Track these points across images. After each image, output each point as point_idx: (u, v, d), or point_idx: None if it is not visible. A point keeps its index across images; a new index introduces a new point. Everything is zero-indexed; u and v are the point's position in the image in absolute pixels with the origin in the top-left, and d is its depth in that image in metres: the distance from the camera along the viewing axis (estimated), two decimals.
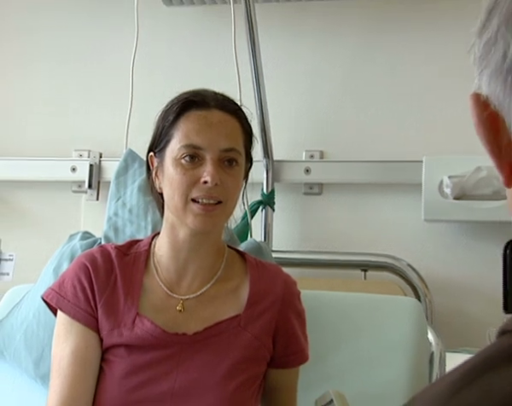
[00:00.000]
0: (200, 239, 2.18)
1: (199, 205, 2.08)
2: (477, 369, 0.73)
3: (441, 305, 2.87)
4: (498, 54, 0.80)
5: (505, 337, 0.76)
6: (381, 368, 2.41)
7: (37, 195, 3.29)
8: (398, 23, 3.05)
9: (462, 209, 2.87)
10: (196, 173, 2.09)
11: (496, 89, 0.81)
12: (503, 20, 0.79)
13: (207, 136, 2.12)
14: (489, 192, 2.81)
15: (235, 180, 2.14)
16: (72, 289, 2.18)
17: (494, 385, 0.71)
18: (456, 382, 0.73)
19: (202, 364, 2.12)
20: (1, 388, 2.55)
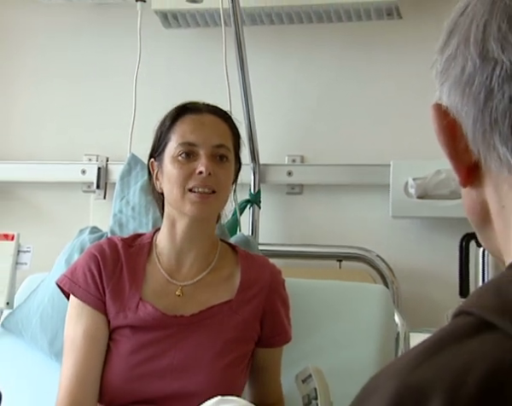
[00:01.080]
0: (197, 229, 2.19)
1: (195, 193, 2.12)
2: (434, 347, 0.73)
3: (406, 291, 2.88)
4: (458, 68, 0.81)
5: (459, 318, 0.76)
6: (353, 346, 2.42)
7: (52, 195, 3.29)
8: (367, 46, 3.05)
9: (424, 207, 2.88)
10: (192, 166, 2.13)
11: (455, 100, 0.82)
12: (462, 39, 0.81)
13: (201, 134, 2.16)
14: (447, 192, 2.83)
15: (226, 173, 2.18)
16: (83, 276, 2.19)
17: (447, 361, 0.71)
18: (416, 358, 0.73)
19: (197, 343, 2.13)
20: (20, 364, 2.55)
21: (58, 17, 3.30)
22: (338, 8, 2.91)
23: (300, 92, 3.10)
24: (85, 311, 2.18)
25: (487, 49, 0.78)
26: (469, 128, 0.81)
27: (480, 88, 0.79)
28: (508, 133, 0.78)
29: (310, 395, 2.13)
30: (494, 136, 0.79)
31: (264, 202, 3.01)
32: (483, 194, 0.84)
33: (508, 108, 0.77)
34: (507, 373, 0.69)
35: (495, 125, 0.78)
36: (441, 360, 0.72)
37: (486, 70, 0.78)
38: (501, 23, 0.77)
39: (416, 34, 2.99)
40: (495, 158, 0.80)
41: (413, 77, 2.98)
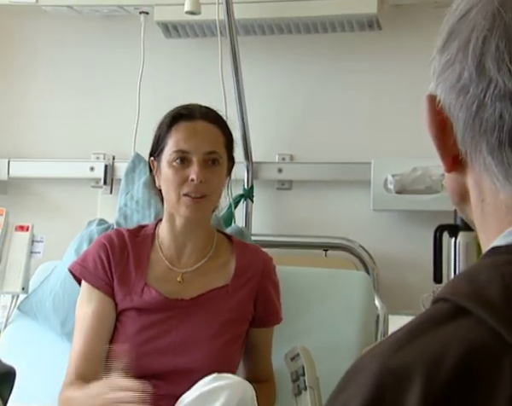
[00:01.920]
0: (193, 226, 2.22)
1: (189, 198, 2.12)
2: (414, 332, 0.73)
3: (385, 277, 2.89)
4: (454, 74, 0.80)
5: (437, 304, 0.76)
6: (337, 327, 2.43)
7: (63, 190, 3.28)
8: (350, 55, 3.06)
9: (402, 201, 2.88)
10: (186, 173, 2.14)
11: (449, 100, 0.81)
12: (462, 47, 0.79)
13: (193, 143, 2.17)
14: (423, 187, 2.84)
15: (217, 177, 2.20)
16: (93, 263, 2.21)
17: (426, 345, 0.71)
18: (397, 342, 0.73)
19: (197, 324, 2.16)
20: (34, 343, 2.56)
21: (68, 28, 3.29)
22: (324, 21, 2.91)
23: (290, 97, 3.10)
24: (95, 295, 2.20)
25: (484, 64, 0.77)
26: (459, 130, 0.81)
27: (473, 99, 0.78)
28: (495, 145, 0.77)
29: (298, 372, 2.13)
30: (482, 144, 0.78)
31: (256, 197, 3.02)
32: (464, 181, 0.84)
33: (497, 123, 0.76)
34: (480, 355, 0.68)
35: (484, 135, 0.78)
36: (420, 344, 0.71)
37: (481, 85, 0.77)
38: (499, 43, 0.76)
39: (393, 44, 2.99)
40: (480, 162, 0.80)
41: (391, 83, 3.00)
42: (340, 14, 2.85)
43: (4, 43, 3.37)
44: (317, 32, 2.97)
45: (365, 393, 0.70)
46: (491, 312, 0.70)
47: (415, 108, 2.93)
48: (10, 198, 3.23)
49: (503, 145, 0.77)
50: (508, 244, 0.77)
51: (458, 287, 0.75)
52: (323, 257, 2.95)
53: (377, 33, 2.95)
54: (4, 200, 3.12)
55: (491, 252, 0.79)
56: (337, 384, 0.76)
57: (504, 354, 0.68)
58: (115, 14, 3.15)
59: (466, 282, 0.75)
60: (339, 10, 2.84)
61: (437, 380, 0.68)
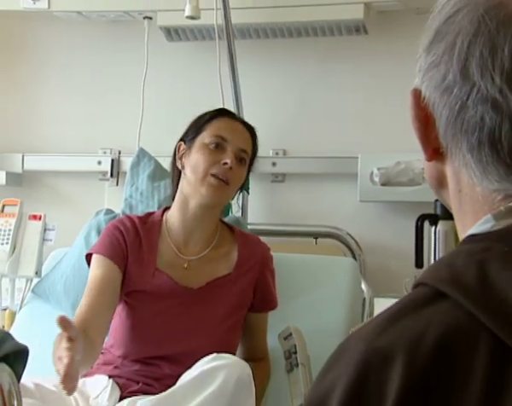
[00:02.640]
0: (206, 212, 2.21)
1: (216, 178, 2.11)
2: (396, 315, 0.74)
3: (371, 263, 2.89)
4: (439, 75, 0.80)
5: (417, 289, 0.77)
6: (326, 309, 2.43)
7: (73, 182, 3.28)
8: (338, 57, 3.06)
9: (386, 192, 2.88)
10: (218, 157, 2.17)
11: (433, 98, 0.81)
12: (447, 49, 0.79)
13: (233, 135, 2.21)
14: (406, 180, 2.84)
15: (241, 173, 2.22)
16: (109, 241, 2.19)
17: (407, 327, 0.71)
18: (381, 324, 0.74)
19: (203, 311, 2.17)
20: (47, 323, 2.51)
21: (77, 32, 3.29)
22: (314, 25, 2.90)
23: (283, 96, 3.10)
24: (105, 262, 2.16)
25: (468, 68, 0.76)
26: (442, 126, 0.81)
27: (456, 99, 0.78)
28: (475, 144, 0.77)
29: (290, 350, 2.14)
30: (463, 142, 0.78)
31: (252, 189, 3.00)
32: (443, 169, 0.84)
33: (478, 124, 0.76)
34: (457, 335, 0.69)
35: (465, 134, 0.78)
36: (402, 326, 0.72)
37: (465, 87, 0.77)
38: (483, 50, 0.75)
39: (379, 48, 2.99)
40: (460, 158, 0.80)
41: (377, 84, 3.00)
42: (330, 19, 2.85)
43: (18, 47, 3.37)
44: (309, 36, 2.97)
45: (351, 372, 0.70)
46: (468, 296, 0.70)
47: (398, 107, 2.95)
48: (24, 189, 3.23)
49: (482, 145, 0.77)
50: (483, 232, 0.78)
51: (437, 272, 0.75)
52: (314, 244, 2.96)
53: (364, 37, 2.95)
54: (19, 192, 3.11)
55: (467, 239, 0.79)
56: (325, 363, 0.76)
57: (479, 334, 0.68)
58: (121, 19, 3.15)
59: (444, 268, 0.75)
60: (328, 16, 2.84)
61: (417, 359, 0.68)
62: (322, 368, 0.76)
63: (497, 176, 0.77)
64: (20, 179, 3.27)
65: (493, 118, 0.75)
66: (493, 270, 0.70)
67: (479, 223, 0.79)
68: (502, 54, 0.74)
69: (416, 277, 0.79)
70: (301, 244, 2.96)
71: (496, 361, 0.67)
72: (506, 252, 0.72)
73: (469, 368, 0.67)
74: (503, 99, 0.74)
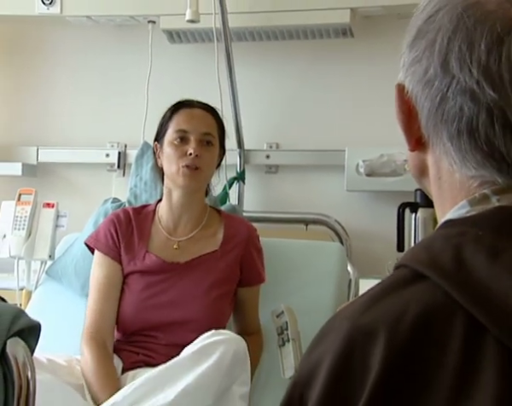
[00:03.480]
0: (188, 198, 2.25)
1: (187, 168, 2.15)
2: (378, 295, 0.74)
3: (357, 247, 2.89)
4: (421, 69, 0.79)
5: (398, 271, 0.77)
6: (315, 289, 2.42)
7: (83, 173, 3.28)
8: (327, 58, 3.05)
9: (371, 183, 2.88)
10: (184, 149, 2.19)
11: (415, 91, 0.81)
12: (428, 45, 0.78)
13: (192, 124, 2.20)
14: (388, 171, 2.85)
15: (210, 155, 2.23)
16: (104, 236, 2.25)
17: (389, 306, 0.71)
18: (365, 303, 0.74)
19: (190, 283, 2.20)
20: (59, 302, 2.56)
21: (87, 35, 3.28)
22: (304, 29, 2.90)
23: (276, 93, 3.09)
24: (106, 261, 2.23)
25: (448, 62, 0.76)
26: (424, 117, 0.80)
27: (437, 92, 0.77)
28: (454, 134, 0.77)
29: (282, 326, 2.13)
30: (443, 131, 0.78)
31: (247, 179, 3.02)
32: (425, 158, 0.84)
33: (457, 115, 0.76)
34: (435, 313, 0.69)
35: (445, 124, 0.77)
36: (384, 305, 0.72)
37: (445, 80, 0.76)
38: (462, 45, 0.75)
39: (364, 49, 2.98)
40: (440, 146, 0.80)
41: (362, 83, 2.99)
42: (319, 23, 2.85)
43: (33, 50, 3.35)
44: (299, 39, 2.97)
45: (338, 347, 0.71)
46: (444, 277, 0.69)
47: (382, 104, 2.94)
48: (39, 180, 3.22)
49: (461, 134, 0.76)
50: (459, 217, 0.77)
51: (416, 255, 0.75)
52: (304, 230, 2.96)
53: (350, 40, 2.95)
54: (33, 182, 3.10)
55: (444, 224, 0.79)
56: (313, 339, 0.76)
57: (455, 312, 0.68)
58: (126, 23, 3.14)
59: (423, 251, 0.74)
60: (317, 20, 2.84)
61: (398, 335, 0.68)
62: (310, 344, 0.76)
63: (475, 163, 0.77)
64: (35, 170, 3.26)
65: (471, 109, 0.75)
66: (468, 253, 0.70)
67: (455, 209, 0.78)
68: (479, 48, 0.73)
69: (398, 260, 0.79)
70: (293, 230, 2.95)
71: (469, 336, 0.67)
72: (480, 236, 0.71)
73: (445, 342, 0.67)
74: (480, 90, 0.74)
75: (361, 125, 2.98)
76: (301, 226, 2.96)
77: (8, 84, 3.36)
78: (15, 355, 1.21)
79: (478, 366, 0.65)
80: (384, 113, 2.77)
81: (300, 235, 2.86)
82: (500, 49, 0.73)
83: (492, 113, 0.74)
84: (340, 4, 2.79)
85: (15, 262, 2.68)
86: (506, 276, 0.67)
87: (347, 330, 0.71)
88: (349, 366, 0.69)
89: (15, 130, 3.33)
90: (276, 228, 2.96)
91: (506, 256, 0.68)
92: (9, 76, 3.36)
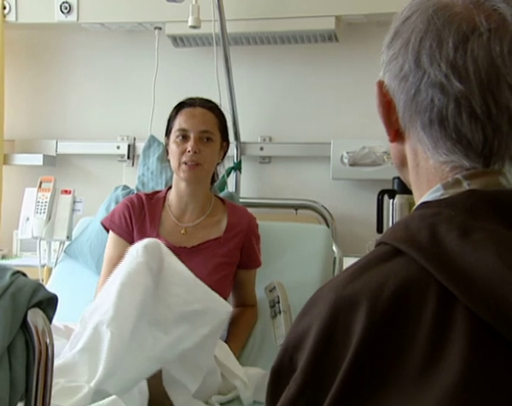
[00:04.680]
0: (193, 189, 2.23)
1: (186, 165, 2.12)
2: (361, 269, 0.74)
3: (341, 229, 2.89)
4: (397, 66, 0.79)
5: (378, 247, 0.77)
6: (304, 267, 2.42)
7: (96, 163, 3.26)
8: (314, 60, 3.03)
9: (354, 172, 2.87)
10: (185, 146, 2.16)
11: (393, 86, 0.81)
12: (404, 44, 0.78)
13: (192, 123, 2.18)
14: (369, 162, 2.84)
15: (210, 150, 2.20)
16: (118, 218, 2.23)
17: (370, 278, 0.71)
18: (348, 276, 0.75)
19: (196, 265, 2.18)
20: (76, 277, 2.56)
21: (100, 40, 3.26)
22: (294, 34, 2.89)
23: (269, 92, 3.08)
24: (119, 242, 2.22)
25: (420, 59, 0.76)
26: (400, 109, 0.80)
27: (411, 86, 0.77)
28: (426, 122, 0.77)
29: (274, 300, 2.14)
30: (417, 121, 0.78)
31: (243, 169, 3.01)
32: (403, 149, 0.84)
33: (428, 105, 0.76)
34: (412, 285, 0.69)
35: (418, 114, 0.78)
36: (366, 278, 0.72)
37: (418, 75, 0.76)
38: (432, 43, 0.75)
39: (347, 53, 2.97)
40: (415, 135, 0.80)
41: (346, 83, 2.98)
42: (307, 29, 2.84)
43: (53, 53, 3.33)
44: (290, 43, 2.96)
45: (324, 316, 0.71)
46: (420, 253, 0.69)
47: (364, 102, 2.93)
48: (57, 169, 3.20)
49: (433, 123, 0.76)
50: (434, 199, 0.77)
51: (395, 233, 0.75)
52: (294, 214, 2.95)
53: (335, 44, 2.93)
54: (53, 171, 3.10)
55: (421, 205, 0.79)
56: (302, 309, 0.76)
57: (430, 284, 0.68)
58: (136, 29, 3.13)
59: (401, 230, 0.74)
60: (306, 26, 2.82)
61: (379, 304, 0.68)
62: (300, 312, 0.76)
63: (446, 149, 0.77)
64: (54, 161, 3.25)
65: (441, 100, 0.75)
66: (442, 231, 0.69)
67: (430, 192, 0.79)
68: (447, 46, 0.74)
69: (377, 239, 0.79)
70: (284, 214, 2.95)
71: (442, 306, 0.67)
72: (453, 216, 0.71)
73: (420, 311, 0.67)
74: (448, 83, 0.74)
75: (345, 121, 2.97)
76: (291, 211, 2.95)
77: (30, 84, 3.34)
78: (35, 323, 1.21)
79: (449, 331, 0.65)
80: (365, 110, 2.78)
81: (291, 219, 2.86)
82: (466, 46, 0.73)
83: (460, 103, 0.74)
84: (326, 12, 2.79)
85: (37, 242, 2.69)
86: (475, 252, 0.67)
87: (333, 300, 0.70)
88: (334, 331, 0.69)
89: (37, 125, 3.32)
90: (269, 212, 2.95)
91: (475, 234, 0.68)
92: (32, 77, 3.34)
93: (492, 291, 0.64)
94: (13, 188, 3.13)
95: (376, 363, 0.65)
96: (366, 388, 0.65)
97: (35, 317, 1.22)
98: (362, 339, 0.66)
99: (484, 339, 0.64)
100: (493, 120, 0.73)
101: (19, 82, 3.32)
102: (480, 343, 0.64)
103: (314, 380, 0.68)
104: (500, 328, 0.64)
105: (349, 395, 0.65)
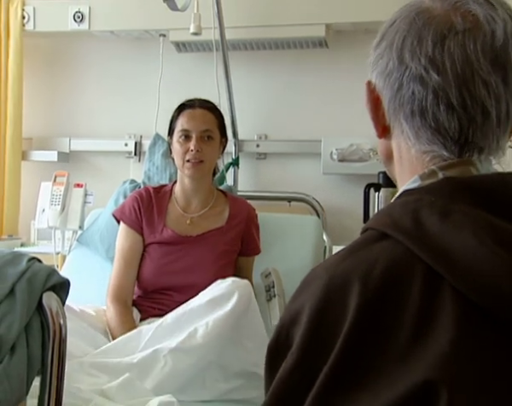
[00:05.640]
0: (196, 183, 2.22)
1: (189, 163, 2.11)
2: (352, 250, 0.74)
3: (331, 220, 2.88)
4: (383, 64, 0.80)
5: (365, 233, 0.77)
6: (296, 255, 2.42)
7: (106, 159, 3.25)
8: (306, 64, 3.02)
9: (342, 167, 2.86)
10: (187, 145, 2.15)
11: (379, 83, 0.81)
12: (388, 44, 0.79)
13: (193, 124, 2.17)
14: (357, 158, 2.84)
15: (211, 148, 2.19)
16: (128, 210, 2.22)
17: (361, 259, 0.71)
18: (340, 257, 0.75)
19: (200, 253, 2.18)
20: (88, 263, 2.55)
21: (109, 47, 3.24)
22: (288, 40, 2.89)
23: (265, 93, 3.07)
24: (130, 233, 2.20)
25: (403, 56, 0.77)
26: (386, 104, 0.81)
27: (395, 81, 0.78)
28: (408, 114, 0.77)
29: (269, 285, 2.15)
30: (400, 113, 0.79)
31: (241, 164, 3.01)
32: (390, 144, 0.84)
33: (410, 98, 0.76)
34: (399, 264, 0.69)
35: (402, 107, 0.78)
36: (356, 258, 0.72)
37: (401, 70, 0.77)
38: (413, 40, 0.76)
39: (336, 57, 2.96)
40: (399, 127, 0.80)
41: (335, 85, 2.97)
42: (299, 36, 2.83)
43: (66, 59, 3.32)
44: (284, 49, 2.96)
45: (318, 294, 0.70)
46: (405, 235, 0.70)
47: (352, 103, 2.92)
48: (71, 164, 3.20)
49: (414, 114, 0.77)
50: (415, 187, 0.77)
51: (380, 219, 0.75)
52: (288, 206, 2.95)
53: (325, 50, 2.93)
54: (67, 166, 3.10)
55: (402, 194, 0.79)
56: (296, 289, 0.76)
57: (415, 264, 0.68)
58: (142, 36, 3.12)
59: (385, 216, 0.75)
60: (298, 33, 2.82)
61: (369, 283, 0.68)
62: (294, 292, 0.76)
63: (426, 138, 0.77)
64: (68, 157, 3.24)
65: (421, 92, 0.75)
66: (424, 215, 0.70)
67: (409, 182, 0.79)
68: (426, 43, 0.75)
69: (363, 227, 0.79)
70: (278, 206, 2.95)
71: (427, 284, 0.67)
72: (433, 202, 0.72)
73: (408, 290, 0.67)
74: (427, 75, 0.75)
75: (334, 120, 2.96)
76: (285, 203, 2.95)
77: (46, 87, 3.33)
78: (50, 305, 1.21)
79: (436, 307, 0.65)
80: (353, 110, 2.77)
81: (284, 210, 2.85)
82: (443, 43, 0.74)
83: (438, 94, 0.74)
84: (317, 21, 2.78)
85: (52, 231, 2.69)
86: (455, 233, 0.67)
87: (326, 279, 0.70)
88: (329, 307, 0.69)
89: (52, 125, 3.31)
90: (264, 204, 2.95)
91: (453, 216, 0.69)
92: (47, 81, 3.33)
93: (472, 268, 0.64)
94: (30, 182, 3.13)
95: (370, 337, 0.65)
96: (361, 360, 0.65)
97: (49, 300, 1.21)
98: (356, 315, 0.66)
99: (468, 313, 0.64)
100: (468, 111, 0.74)
101: (36, 85, 3.31)
102: (464, 317, 0.64)
103: (310, 353, 0.68)
104: (481, 302, 0.64)
105: (345, 365, 0.65)
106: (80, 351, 1.77)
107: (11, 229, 3.09)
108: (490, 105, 0.74)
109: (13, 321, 1.17)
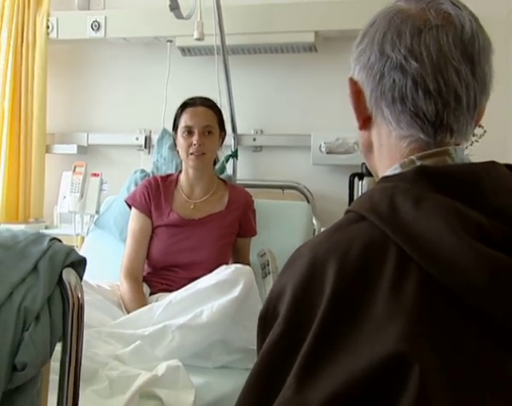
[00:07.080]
0: (199, 173, 2.21)
1: (193, 155, 2.11)
2: (332, 231, 0.76)
3: (319, 206, 2.88)
4: (365, 58, 0.80)
5: (347, 215, 0.76)
6: (288, 237, 2.41)
7: (120, 151, 3.24)
8: (297, 67, 3.00)
9: (330, 158, 2.85)
10: (191, 140, 2.14)
11: (361, 77, 0.81)
12: (370, 41, 0.79)
13: (195, 120, 2.16)
14: (343, 150, 2.82)
15: (212, 142, 2.19)
16: (139, 197, 2.22)
17: (339, 239, 0.72)
18: (322, 237, 0.76)
19: (203, 234, 2.18)
20: (104, 244, 2.55)
21: (122, 51, 3.22)
22: (281, 45, 2.87)
23: (260, 93, 3.06)
24: (140, 217, 2.21)
25: (383, 48, 0.77)
26: (368, 95, 0.80)
27: (376, 71, 0.78)
28: (390, 101, 0.77)
29: (265, 263, 2.15)
30: (382, 101, 0.78)
31: (239, 156, 3.01)
32: (370, 136, 0.83)
33: (391, 86, 0.76)
34: (374, 245, 0.69)
35: (383, 95, 0.78)
36: (336, 238, 0.72)
37: (382, 61, 0.77)
38: (393, 35, 0.77)
39: (325, 61, 2.94)
40: (380, 115, 0.80)
41: (324, 85, 2.95)
42: (291, 41, 2.82)
43: (84, 62, 3.31)
44: (278, 53, 2.94)
45: (302, 270, 0.71)
46: (380, 219, 0.69)
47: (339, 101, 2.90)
48: (88, 156, 3.19)
49: (395, 100, 0.77)
50: (393, 174, 0.77)
51: (360, 203, 0.75)
52: (282, 193, 2.94)
53: (314, 54, 2.92)
54: (85, 158, 3.09)
55: (382, 179, 0.78)
56: (284, 266, 0.75)
57: (389, 246, 0.68)
58: (151, 42, 3.11)
59: (365, 200, 0.75)
60: (290, 39, 2.81)
61: (347, 261, 0.69)
62: (281, 269, 0.76)
63: (406, 123, 0.77)
64: (86, 149, 3.23)
65: (401, 80, 0.75)
66: (399, 201, 0.69)
67: (390, 169, 0.78)
68: (405, 36, 0.76)
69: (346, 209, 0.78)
70: (273, 193, 2.94)
71: (399, 265, 0.67)
72: (408, 189, 0.72)
73: (381, 269, 0.67)
74: (406, 64, 0.75)
75: (323, 116, 2.95)
76: (279, 190, 2.94)
77: (67, 88, 3.32)
78: (69, 280, 1.22)
79: (405, 282, 0.66)
80: (339, 108, 2.77)
81: (278, 197, 2.85)
82: (420, 36, 0.75)
83: (416, 81, 0.74)
84: (307, 28, 2.77)
85: (72, 215, 2.71)
86: (425, 218, 0.67)
87: (308, 258, 0.70)
88: (310, 282, 0.69)
89: (72, 121, 3.30)
90: (260, 191, 2.95)
91: (425, 203, 0.69)
92: (68, 82, 3.32)
93: (438, 250, 0.65)
94: (53, 172, 3.13)
95: (346, 311, 0.66)
96: (339, 329, 0.65)
97: (68, 275, 1.22)
98: (334, 289, 0.67)
99: (430, 288, 0.65)
100: (443, 96, 0.75)
101: (59, 86, 3.30)
102: (427, 290, 0.65)
103: (295, 322, 0.69)
104: (443, 279, 0.64)
105: (326, 333, 0.66)
106: (97, 321, 1.78)
107: (37, 214, 3.11)
108: (461, 91, 0.74)
109: (37, 293, 1.17)
